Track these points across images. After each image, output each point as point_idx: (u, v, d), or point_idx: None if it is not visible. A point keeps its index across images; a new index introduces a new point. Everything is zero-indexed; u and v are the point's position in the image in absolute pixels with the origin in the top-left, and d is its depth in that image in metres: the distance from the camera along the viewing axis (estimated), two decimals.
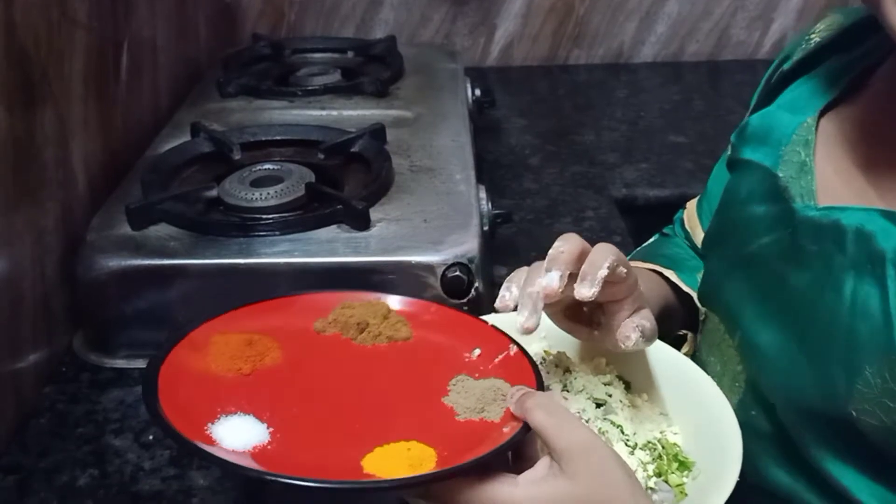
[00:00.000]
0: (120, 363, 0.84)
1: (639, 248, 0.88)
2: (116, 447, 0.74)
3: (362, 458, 0.51)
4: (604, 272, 0.56)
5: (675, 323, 0.79)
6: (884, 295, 0.54)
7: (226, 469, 0.48)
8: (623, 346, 0.60)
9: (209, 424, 0.53)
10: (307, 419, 0.55)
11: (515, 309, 0.58)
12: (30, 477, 0.71)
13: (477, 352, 0.61)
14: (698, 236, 0.83)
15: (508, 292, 0.59)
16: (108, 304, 0.83)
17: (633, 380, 0.68)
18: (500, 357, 0.60)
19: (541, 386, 0.56)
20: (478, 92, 1.30)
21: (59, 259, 0.85)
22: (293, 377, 0.59)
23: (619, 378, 0.68)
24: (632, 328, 0.60)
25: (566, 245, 0.58)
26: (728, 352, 0.67)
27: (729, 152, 0.75)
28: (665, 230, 0.89)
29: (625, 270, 0.58)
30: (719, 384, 0.65)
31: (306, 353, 0.62)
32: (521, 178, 1.25)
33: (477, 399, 0.56)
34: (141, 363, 0.83)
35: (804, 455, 0.60)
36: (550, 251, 0.58)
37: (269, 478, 0.47)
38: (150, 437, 0.75)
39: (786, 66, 0.72)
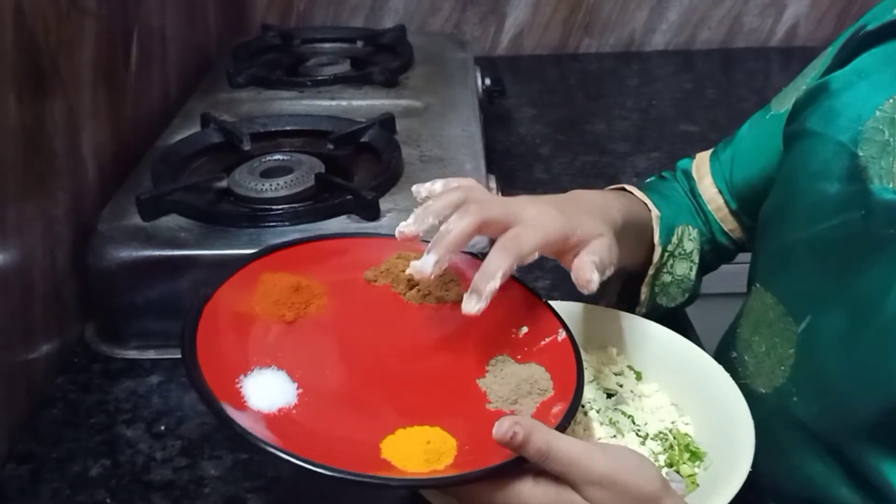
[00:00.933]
0: (131, 354, 0.84)
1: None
2: (128, 437, 0.74)
3: (382, 440, 0.50)
4: (494, 285, 0.52)
5: (640, 251, 0.74)
6: None
7: (242, 438, 0.47)
8: (587, 292, 0.56)
9: (241, 377, 0.52)
10: (338, 383, 0.54)
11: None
12: (42, 466, 0.71)
13: (524, 330, 0.59)
14: (704, 186, 0.80)
15: (430, 185, 0.59)
16: (118, 295, 0.83)
17: (644, 370, 0.68)
18: (547, 341, 0.58)
19: (581, 381, 0.54)
20: (488, 81, 1.29)
21: (70, 249, 0.85)
22: (334, 332, 0.58)
23: (630, 368, 0.68)
24: (589, 267, 0.55)
25: (459, 223, 0.53)
26: (784, 334, 0.64)
27: (788, 111, 0.70)
28: (664, 174, 0.85)
29: (536, 256, 0.54)
30: (760, 365, 0.63)
31: (352, 304, 0.60)
32: (532, 168, 1.25)
33: (512, 389, 0.54)
34: (152, 354, 0.84)
35: (844, 447, 0.58)
36: (443, 226, 0.53)
37: (281, 454, 0.46)
38: (162, 428, 0.75)
39: (870, 27, 0.66)
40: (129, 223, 0.84)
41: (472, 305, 0.52)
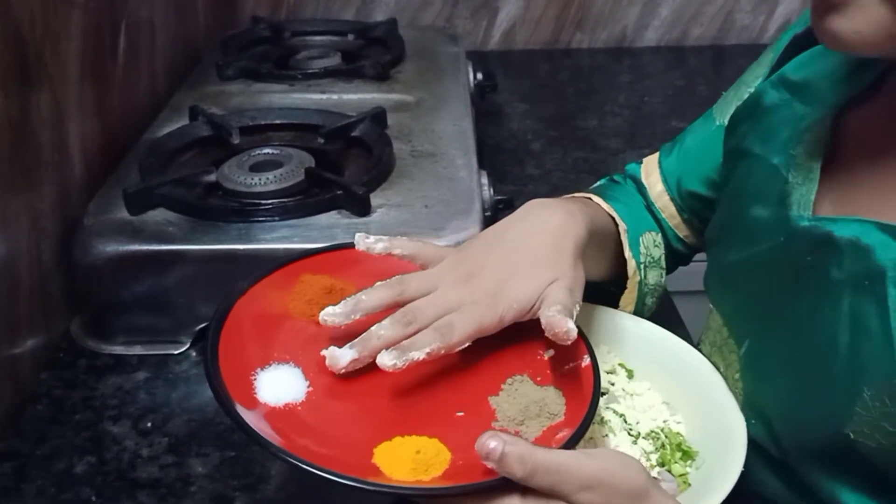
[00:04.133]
0: (118, 349, 0.83)
1: (591, 188, 0.81)
2: (114, 434, 0.73)
3: (377, 445, 0.50)
4: (418, 356, 0.52)
5: (603, 263, 0.71)
6: (884, 314, 0.49)
7: (240, 428, 0.48)
8: (570, 341, 0.53)
9: (258, 370, 0.54)
10: (348, 386, 0.55)
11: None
12: (27, 464, 0.70)
13: (550, 352, 0.58)
14: (656, 194, 0.78)
15: (374, 242, 0.61)
16: (105, 290, 0.82)
17: (636, 368, 0.68)
18: (570, 366, 0.57)
19: (592, 410, 0.52)
20: (479, 76, 1.28)
21: (56, 243, 0.84)
22: (357, 336, 0.58)
23: (622, 366, 0.68)
24: (559, 319, 0.53)
25: (390, 331, 0.53)
26: (730, 357, 0.63)
27: (725, 124, 0.69)
28: (615, 177, 0.83)
29: (467, 343, 0.54)
30: None
31: (383, 312, 0.59)
32: (523, 164, 1.24)
33: (521, 410, 0.54)
34: (139, 349, 0.83)
35: (798, 470, 0.57)
36: (375, 328, 0.54)
37: (271, 450, 0.47)
38: (149, 425, 0.74)
39: (799, 30, 0.64)
40: (116, 217, 0.83)
41: (387, 360, 0.52)
